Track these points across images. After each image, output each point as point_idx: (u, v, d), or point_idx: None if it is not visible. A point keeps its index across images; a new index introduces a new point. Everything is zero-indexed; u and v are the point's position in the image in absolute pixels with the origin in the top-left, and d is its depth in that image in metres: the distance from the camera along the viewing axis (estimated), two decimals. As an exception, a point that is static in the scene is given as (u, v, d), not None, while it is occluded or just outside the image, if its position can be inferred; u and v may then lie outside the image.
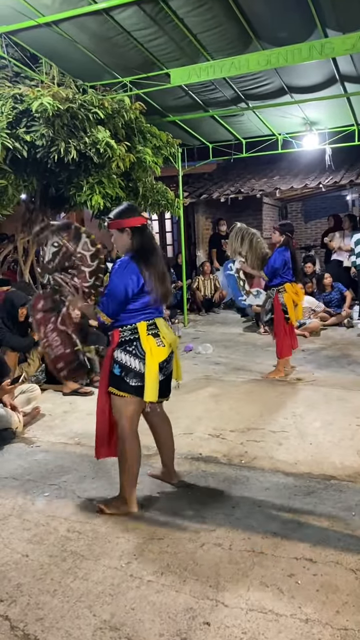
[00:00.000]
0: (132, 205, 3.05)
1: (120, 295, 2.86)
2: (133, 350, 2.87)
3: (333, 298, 8.78)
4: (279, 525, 2.81)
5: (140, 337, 2.87)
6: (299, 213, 14.17)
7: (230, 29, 5.77)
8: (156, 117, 7.89)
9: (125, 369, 2.88)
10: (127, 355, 2.88)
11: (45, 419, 4.62)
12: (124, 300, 2.87)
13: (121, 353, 2.89)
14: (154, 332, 2.92)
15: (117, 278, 2.87)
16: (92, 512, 2.99)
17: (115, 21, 5.69)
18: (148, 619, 2.14)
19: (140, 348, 2.86)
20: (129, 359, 2.87)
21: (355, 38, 5.29)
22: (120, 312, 2.91)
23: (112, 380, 2.93)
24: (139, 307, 2.90)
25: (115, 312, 2.91)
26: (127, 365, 2.87)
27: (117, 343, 2.91)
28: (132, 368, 2.87)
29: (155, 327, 2.94)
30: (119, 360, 2.90)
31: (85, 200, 6.05)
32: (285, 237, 5.68)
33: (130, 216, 2.93)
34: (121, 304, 2.88)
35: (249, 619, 2.13)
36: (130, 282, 2.84)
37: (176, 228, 12.66)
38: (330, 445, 3.82)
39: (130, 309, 2.90)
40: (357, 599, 2.22)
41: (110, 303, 2.90)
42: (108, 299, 2.92)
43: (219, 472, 3.47)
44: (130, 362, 2.87)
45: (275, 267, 5.59)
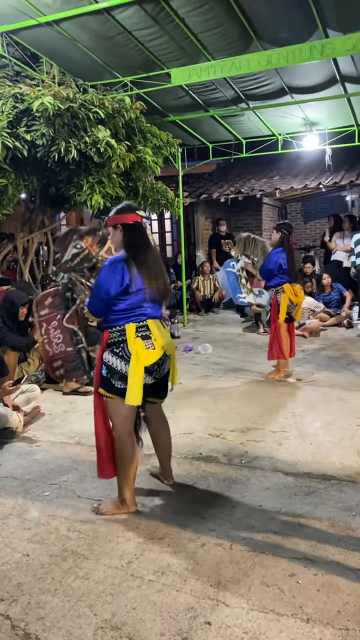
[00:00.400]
0: (129, 204, 3.03)
1: (103, 295, 2.83)
2: (120, 352, 2.83)
3: (332, 298, 8.79)
4: (280, 525, 2.81)
5: (127, 339, 2.82)
6: (299, 213, 14.18)
7: (231, 29, 5.78)
8: (156, 116, 7.89)
9: (111, 371, 2.84)
10: (113, 357, 2.84)
11: (45, 419, 4.62)
12: (107, 299, 2.83)
13: (108, 354, 2.86)
14: (144, 334, 2.86)
15: (102, 277, 2.85)
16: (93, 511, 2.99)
17: (116, 21, 5.69)
18: (149, 619, 2.14)
19: (126, 350, 2.81)
20: (115, 361, 2.83)
21: (356, 38, 5.29)
22: (105, 311, 2.88)
23: (101, 382, 2.91)
24: (126, 307, 2.85)
25: (99, 311, 2.89)
26: (113, 367, 2.84)
27: (106, 344, 2.88)
28: (117, 370, 2.83)
29: (147, 329, 2.87)
30: (106, 361, 2.87)
31: (85, 199, 6.04)
32: (281, 234, 5.66)
33: (123, 213, 2.92)
34: (104, 303, 2.85)
35: (250, 618, 2.13)
36: (113, 282, 2.80)
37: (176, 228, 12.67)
38: (331, 446, 3.82)
39: (118, 310, 2.86)
40: (358, 598, 2.23)
41: (94, 302, 2.91)
42: (92, 297, 2.92)
43: (219, 472, 3.47)
44: (116, 364, 2.83)
45: (268, 268, 5.59)
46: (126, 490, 2.96)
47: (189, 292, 10.18)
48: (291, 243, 5.72)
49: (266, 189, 10.41)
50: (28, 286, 6.85)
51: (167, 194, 7.40)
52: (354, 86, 7.15)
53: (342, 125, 8.67)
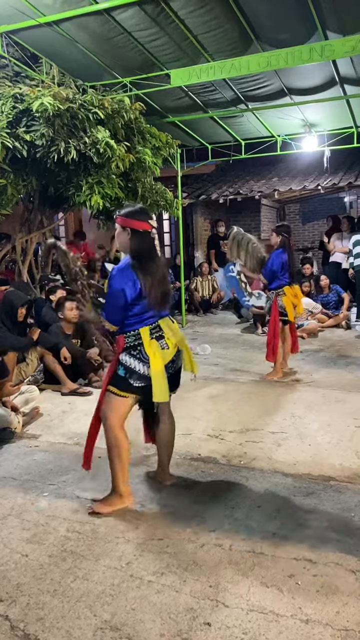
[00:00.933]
0: (144, 209, 3.03)
1: (120, 301, 2.89)
2: (137, 355, 2.93)
3: (331, 300, 8.80)
4: (279, 525, 2.81)
5: (143, 343, 2.91)
6: (297, 215, 14.20)
7: (230, 30, 5.78)
8: (156, 117, 7.89)
9: (130, 371, 2.93)
10: (131, 359, 2.93)
11: (43, 419, 4.61)
12: (124, 305, 2.90)
13: (126, 356, 2.95)
14: (158, 335, 2.96)
15: (115, 284, 2.89)
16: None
17: (116, 21, 5.70)
18: (149, 619, 2.14)
19: (144, 353, 2.91)
20: (134, 362, 2.93)
21: (356, 40, 5.31)
22: (123, 318, 2.94)
23: (114, 380, 2.97)
24: (139, 311, 2.92)
25: (117, 318, 2.95)
26: (132, 367, 2.93)
27: (123, 348, 2.97)
28: (136, 370, 2.93)
29: (159, 329, 2.97)
30: (123, 362, 2.95)
31: (84, 200, 6.04)
32: (282, 237, 5.67)
33: (137, 218, 2.92)
34: (122, 310, 2.91)
35: (249, 619, 2.13)
36: (127, 287, 2.86)
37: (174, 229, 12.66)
38: (329, 447, 3.83)
39: (132, 315, 2.93)
40: (357, 599, 2.23)
41: (111, 310, 2.95)
42: (109, 306, 2.96)
43: (218, 472, 3.47)
44: (135, 365, 2.93)
45: (273, 269, 5.58)
46: (122, 483, 2.99)
47: (188, 293, 10.18)
48: (291, 245, 5.74)
49: (265, 190, 10.43)
50: (27, 286, 6.85)
51: (166, 195, 7.41)
52: (353, 88, 7.17)
53: (341, 127, 8.69)
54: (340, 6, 5.25)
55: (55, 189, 6.44)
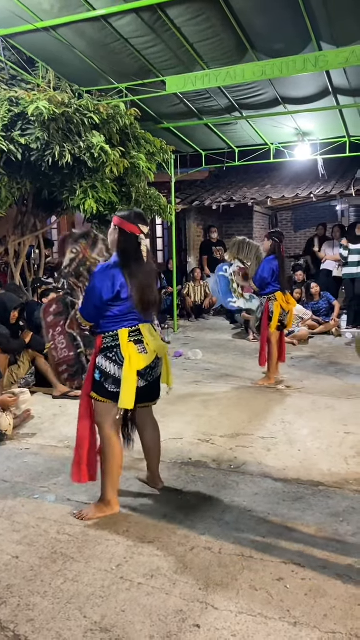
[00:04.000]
0: (140, 213, 3.02)
1: (95, 299, 2.87)
2: (113, 357, 2.89)
3: (321, 307, 8.87)
4: (268, 530, 2.84)
5: (120, 344, 2.87)
6: (289, 222, 14.30)
7: (226, 39, 5.86)
8: (151, 123, 7.95)
9: (105, 375, 2.89)
10: (107, 361, 2.89)
11: (34, 422, 4.62)
12: (99, 305, 2.87)
13: (102, 359, 2.91)
14: (137, 339, 2.92)
15: (94, 282, 2.89)
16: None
17: (113, 28, 5.75)
18: (138, 621, 2.16)
19: (120, 355, 2.87)
20: (109, 365, 2.89)
21: (349, 52, 5.40)
22: (97, 316, 2.92)
23: (94, 385, 2.95)
24: (118, 313, 2.89)
25: (91, 315, 2.93)
26: (107, 371, 2.89)
27: (100, 349, 2.93)
28: (110, 374, 2.88)
29: (139, 334, 2.93)
30: (99, 365, 2.91)
31: (78, 204, 6.06)
32: (273, 242, 5.71)
33: (128, 220, 2.93)
34: (97, 309, 2.89)
35: (238, 621, 2.15)
36: (104, 287, 2.84)
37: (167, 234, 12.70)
38: (319, 452, 3.86)
39: (111, 315, 2.90)
40: (344, 603, 2.26)
41: (86, 306, 2.94)
42: (85, 301, 2.95)
43: (209, 477, 3.49)
44: (110, 368, 2.88)
45: (263, 276, 5.62)
46: (111, 491, 2.99)
47: (180, 298, 10.22)
48: (282, 251, 5.78)
49: (258, 197, 10.50)
50: (19, 289, 6.85)
51: (160, 200, 7.45)
52: (346, 98, 7.27)
53: (333, 136, 8.79)
54: (335, 18, 5.34)
55: (49, 193, 6.46)
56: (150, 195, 7.28)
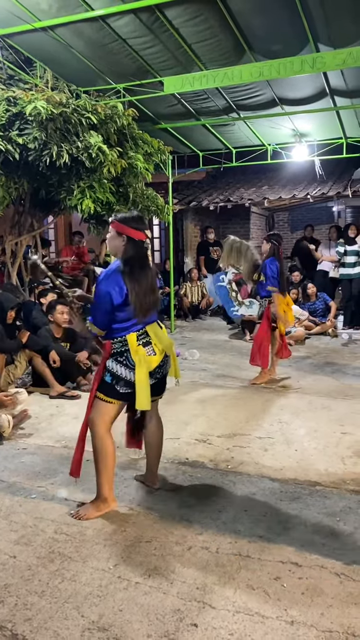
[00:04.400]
0: (142, 217, 3.07)
1: (106, 305, 2.89)
2: (124, 361, 2.94)
3: (318, 308, 8.90)
4: (265, 529, 2.84)
5: (130, 349, 2.92)
6: (286, 223, 14.33)
7: (224, 40, 5.87)
8: (148, 124, 7.95)
9: (116, 378, 2.95)
10: (118, 365, 2.95)
11: (31, 422, 4.61)
12: (110, 309, 2.90)
13: (113, 362, 2.96)
14: (145, 341, 2.97)
15: (102, 288, 2.91)
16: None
17: (111, 28, 5.75)
18: (136, 620, 2.16)
19: (130, 359, 2.92)
20: (120, 369, 2.94)
21: (346, 54, 5.42)
22: (109, 322, 2.94)
23: (102, 387, 2.99)
24: (125, 317, 2.93)
25: (104, 322, 2.95)
26: (118, 374, 2.95)
27: (110, 354, 2.98)
28: (122, 377, 2.94)
29: (147, 336, 2.98)
30: (110, 369, 2.96)
31: (75, 204, 6.06)
32: (272, 245, 5.73)
33: (133, 227, 2.95)
34: (108, 314, 2.91)
35: (235, 620, 2.16)
36: (113, 292, 2.86)
37: (164, 234, 12.72)
38: (316, 452, 3.87)
39: (118, 320, 2.93)
40: (341, 602, 2.27)
41: (97, 314, 2.95)
42: (95, 309, 2.96)
43: (206, 476, 3.50)
44: (121, 372, 2.94)
45: (275, 277, 5.61)
46: (107, 488, 3.01)
47: (177, 299, 10.22)
48: (280, 253, 5.80)
49: (255, 198, 10.52)
50: (16, 289, 6.84)
51: (157, 201, 7.45)
52: (343, 99, 7.29)
53: (330, 138, 8.82)
54: (332, 20, 5.36)
55: (46, 192, 6.46)
56: (148, 195, 7.29)
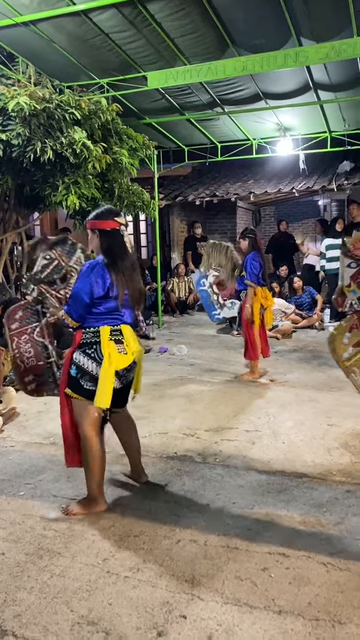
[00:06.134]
0: (109, 208, 3.03)
1: (85, 298, 2.84)
2: (92, 354, 2.87)
3: (304, 301, 8.95)
4: (253, 521, 2.87)
5: (101, 341, 2.86)
6: (272, 217, 14.37)
7: (207, 34, 5.86)
8: (133, 119, 7.93)
9: (81, 371, 2.87)
10: (85, 358, 2.87)
11: (19, 419, 4.60)
12: (89, 303, 2.86)
13: (80, 355, 2.88)
14: (117, 338, 2.91)
15: (82, 280, 2.87)
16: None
17: (93, 23, 5.72)
18: (125, 613, 2.18)
19: (99, 352, 2.85)
20: (86, 362, 2.87)
21: (329, 48, 5.44)
22: (85, 315, 2.89)
23: (69, 381, 2.92)
24: (103, 311, 2.89)
25: (80, 315, 2.89)
26: (84, 367, 2.87)
27: (78, 344, 2.90)
28: (88, 371, 2.86)
29: (120, 334, 2.93)
30: (76, 361, 2.89)
31: (60, 200, 6.04)
32: (249, 240, 5.73)
33: (102, 219, 2.94)
34: (85, 307, 2.87)
35: (224, 611, 2.18)
36: (95, 285, 2.83)
37: (151, 230, 12.69)
38: (302, 444, 3.91)
39: (95, 312, 2.89)
40: (328, 590, 2.30)
41: (74, 305, 2.88)
42: (72, 301, 2.90)
43: (194, 470, 3.52)
44: (87, 365, 2.86)
45: (255, 272, 5.61)
46: (95, 488, 2.99)
47: (164, 294, 10.23)
48: (260, 245, 5.83)
49: (240, 192, 10.53)
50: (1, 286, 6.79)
51: (143, 196, 7.44)
52: (326, 93, 7.32)
53: (314, 132, 8.85)
54: (314, 14, 5.38)
55: (31, 189, 6.42)
56: (133, 190, 7.28)
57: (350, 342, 2.83)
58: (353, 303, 2.91)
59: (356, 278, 2.90)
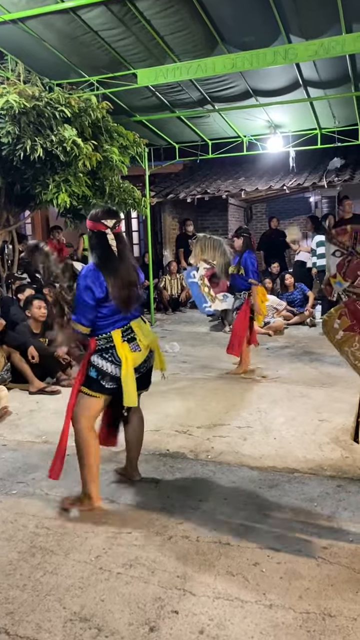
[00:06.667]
0: (105, 209, 3.01)
1: (88, 300, 2.86)
2: (109, 357, 2.94)
3: (296, 298, 8.99)
4: (245, 517, 2.89)
5: (115, 346, 2.93)
6: (264, 214, 14.41)
7: (196, 32, 5.87)
8: (123, 116, 7.92)
9: (102, 373, 2.94)
10: (103, 361, 2.95)
11: (11, 418, 4.60)
12: (94, 305, 2.87)
13: (98, 358, 2.95)
14: (130, 337, 2.97)
15: (84, 284, 2.88)
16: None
17: (82, 20, 5.70)
18: (117, 610, 2.19)
19: (116, 356, 2.93)
20: (105, 364, 2.94)
21: (318, 45, 5.46)
22: (94, 318, 2.91)
23: (87, 382, 2.98)
24: (108, 313, 2.92)
25: (89, 319, 2.90)
26: (103, 369, 2.94)
27: (94, 350, 2.97)
28: (108, 372, 2.94)
29: (131, 331, 2.99)
30: (95, 364, 2.95)
31: (51, 198, 6.03)
32: (244, 238, 5.78)
33: (93, 220, 2.94)
34: (93, 309, 2.88)
35: (215, 606, 2.20)
36: (93, 286, 2.85)
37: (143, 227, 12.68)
38: (294, 440, 3.94)
39: (101, 317, 2.92)
40: (318, 584, 2.33)
41: (81, 311, 2.89)
42: (79, 307, 2.90)
43: (186, 467, 3.54)
44: (107, 367, 2.94)
45: (254, 269, 5.69)
46: (91, 485, 3.00)
47: (156, 292, 10.23)
48: (253, 243, 5.87)
49: (232, 189, 10.55)
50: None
51: (134, 194, 7.43)
52: (316, 90, 7.34)
53: (305, 128, 8.88)
54: (303, 11, 5.39)
55: (21, 187, 6.39)
56: (124, 188, 7.27)
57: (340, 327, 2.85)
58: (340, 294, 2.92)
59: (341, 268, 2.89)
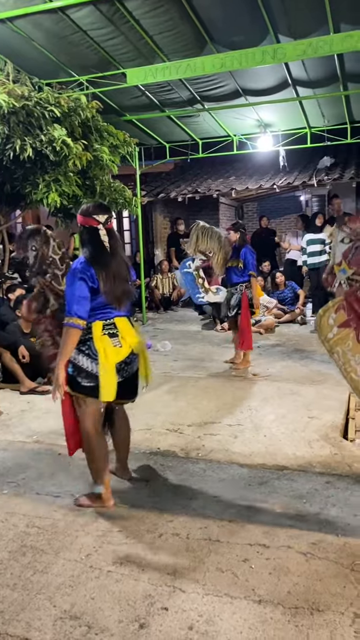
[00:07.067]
0: (97, 204, 3.01)
1: (85, 292, 2.81)
2: (86, 350, 2.87)
3: (287, 296, 9.03)
4: (234, 514, 2.91)
5: (93, 337, 2.86)
6: (255, 213, 14.43)
7: (185, 31, 5.88)
8: (113, 116, 7.90)
9: (77, 369, 2.88)
10: (79, 355, 2.88)
11: (2, 418, 4.59)
12: (88, 295, 2.82)
13: (75, 353, 2.87)
14: (111, 332, 2.91)
15: (76, 276, 2.85)
16: (52, 508, 3.02)
17: (71, 20, 5.69)
18: (107, 607, 2.21)
19: (93, 348, 2.86)
20: (82, 359, 2.87)
21: (306, 44, 5.47)
22: (88, 309, 2.84)
23: (68, 380, 2.92)
24: (95, 305, 2.88)
25: (84, 310, 2.82)
26: (79, 365, 2.87)
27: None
28: (84, 368, 2.87)
29: (114, 327, 2.92)
30: (72, 359, 2.88)
31: (41, 197, 6.01)
32: (240, 233, 5.88)
33: (85, 215, 2.93)
34: (87, 300, 2.82)
35: (205, 602, 2.22)
36: (85, 277, 2.82)
37: (134, 227, 12.67)
38: (283, 437, 3.97)
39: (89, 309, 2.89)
40: (307, 579, 2.35)
41: (78, 304, 2.81)
42: (73, 300, 2.82)
43: (177, 465, 3.55)
44: (83, 362, 2.87)
45: (254, 263, 5.84)
46: (102, 474, 3.00)
47: (148, 291, 10.24)
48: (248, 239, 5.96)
49: (222, 189, 10.57)
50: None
51: (125, 193, 7.43)
52: (305, 90, 7.38)
53: (294, 128, 8.91)
54: (291, 11, 5.42)
55: (11, 187, 6.37)
56: (115, 187, 7.26)
57: (335, 322, 2.83)
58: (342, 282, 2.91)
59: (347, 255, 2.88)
